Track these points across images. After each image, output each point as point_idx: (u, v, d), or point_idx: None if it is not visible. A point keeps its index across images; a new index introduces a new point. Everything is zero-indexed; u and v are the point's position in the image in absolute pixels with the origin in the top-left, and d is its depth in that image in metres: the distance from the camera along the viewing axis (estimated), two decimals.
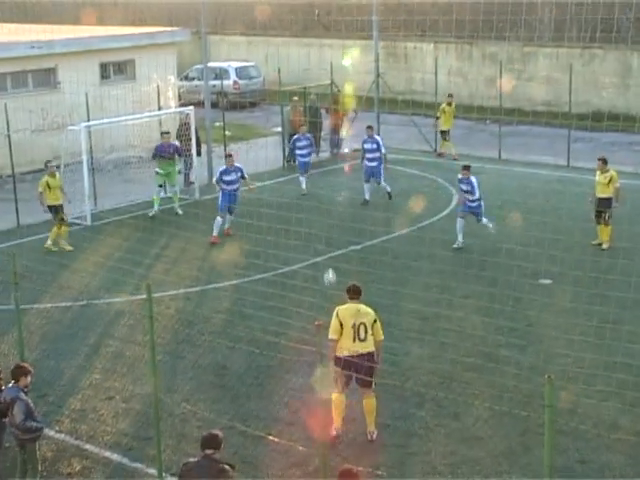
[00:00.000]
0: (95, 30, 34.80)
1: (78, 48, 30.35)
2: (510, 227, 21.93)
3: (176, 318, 17.47)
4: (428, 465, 12.22)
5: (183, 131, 27.19)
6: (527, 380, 14.19)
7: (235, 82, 42.46)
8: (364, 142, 25.82)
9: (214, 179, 23.54)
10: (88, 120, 25.73)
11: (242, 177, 23.07)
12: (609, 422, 12.98)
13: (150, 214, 24.40)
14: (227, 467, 9.09)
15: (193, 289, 19.25)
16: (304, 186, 26.75)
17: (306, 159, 27.57)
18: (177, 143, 25.70)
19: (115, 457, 12.76)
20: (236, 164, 23.03)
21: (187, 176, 27.58)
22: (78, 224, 23.97)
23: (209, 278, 19.82)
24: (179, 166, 25.55)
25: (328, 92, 33.00)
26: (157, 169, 24.76)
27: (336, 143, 32.38)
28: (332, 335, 12.76)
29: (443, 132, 31.48)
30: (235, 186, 22.86)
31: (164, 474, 11.06)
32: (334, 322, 12.80)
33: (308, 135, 28.06)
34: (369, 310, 12.97)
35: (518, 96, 38.16)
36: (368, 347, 12.67)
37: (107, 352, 16.19)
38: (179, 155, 25.30)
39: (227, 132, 30.06)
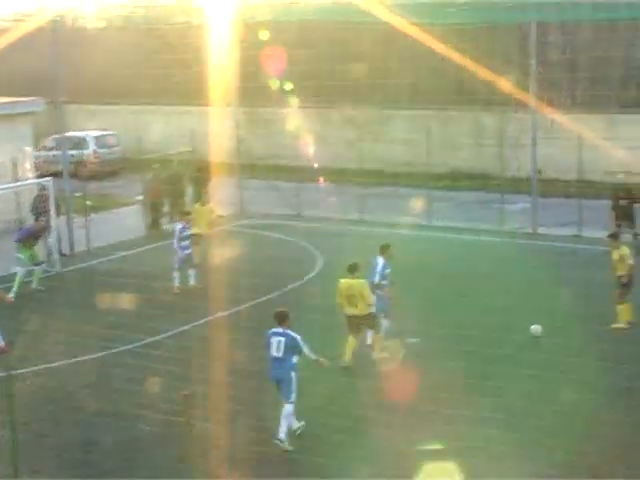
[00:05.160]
0: None
1: None
2: None
3: (38, 394, 16.89)
4: None
5: (39, 203, 26.61)
6: (399, 440, 14.21)
7: (95, 151, 41.96)
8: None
9: None
10: None
11: None
12: (478, 477, 13.07)
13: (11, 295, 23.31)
14: None
15: (56, 363, 18.67)
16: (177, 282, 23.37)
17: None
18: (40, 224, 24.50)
19: None
20: None
21: (49, 249, 26.91)
22: None
23: (73, 352, 19.24)
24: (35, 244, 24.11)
25: (189, 159, 32.97)
26: (19, 254, 23.73)
27: None
28: None
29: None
30: None
31: None
32: None
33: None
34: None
35: (379, 157, 38.83)
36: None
37: None
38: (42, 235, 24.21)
39: (88, 202, 29.54)
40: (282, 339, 14.83)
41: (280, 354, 14.76)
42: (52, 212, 26.20)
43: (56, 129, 30.96)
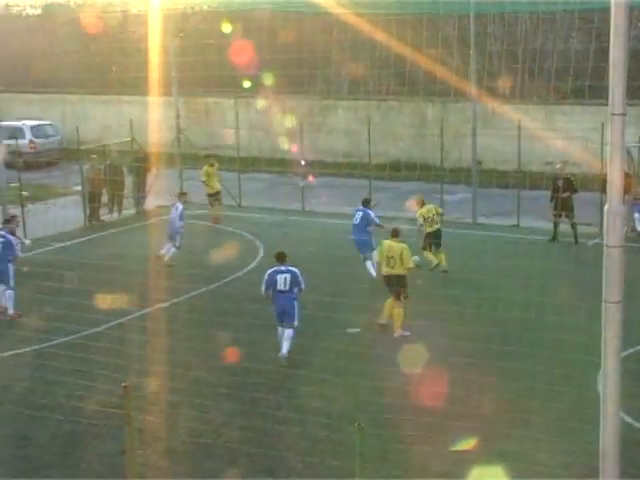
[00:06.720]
0: None
1: None
2: (316, 278, 22.03)
3: None
4: None
5: None
6: (338, 430, 14.21)
7: (31, 141, 41.36)
8: None
9: None
10: None
11: None
12: (419, 466, 13.12)
13: None
14: None
15: None
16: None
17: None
18: None
19: None
20: None
21: None
22: None
23: (8, 345, 18.95)
24: None
25: (129, 149, 32.71)
26: None
27: (139, 200, 32.01)
28: None
29: (211, 195, 29.99)
30: None
31: None
32: None
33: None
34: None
35: (320, 148, 38.82)
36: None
37: None
38: None
39: (24, 193, 29.09)
40: (287, 275, 17.44)
41: (286, 287, 17.39)
42: None
43: None
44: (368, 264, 22.73)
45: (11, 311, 20.44)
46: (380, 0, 32.13)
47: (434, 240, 23.15)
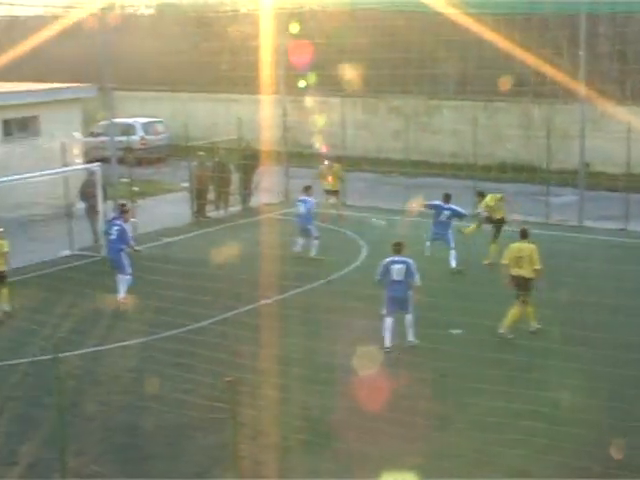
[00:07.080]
0: None
1: None
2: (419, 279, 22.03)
3: (84, 378, 17.09)
4: None
5: (87, 188, 26.92)
6: (439, 429, 14.22)
7: (142, 138, 42.24)
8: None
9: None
10: None
11: None
12: (519, 469, 13.03)
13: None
14: None
15: (101, 347, 18.88)
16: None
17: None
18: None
19: None
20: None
21: (96, 234, 27.14)
22: None
23: (117, 336, 19.46)
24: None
25: (236, 147, 33.12)
26: None
27: (246, 198, 32.42)
28: None
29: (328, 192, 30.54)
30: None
31: None
32: None
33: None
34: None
35: (424, 148, 38.71)
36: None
37: (12, 415, 15.71)
38: None
39: (134, 188, 29.74)
40: (404, 266, 17.80)
41: (401, 278, 17.78)
42: (99, 197, 26.49)
43: (105, 115, 31.29)
44: (451, 254, 23.67)
45: (122, 295, 20.95)
46: (489, 0, 31.90)
47: (499, 230, 24.01)
